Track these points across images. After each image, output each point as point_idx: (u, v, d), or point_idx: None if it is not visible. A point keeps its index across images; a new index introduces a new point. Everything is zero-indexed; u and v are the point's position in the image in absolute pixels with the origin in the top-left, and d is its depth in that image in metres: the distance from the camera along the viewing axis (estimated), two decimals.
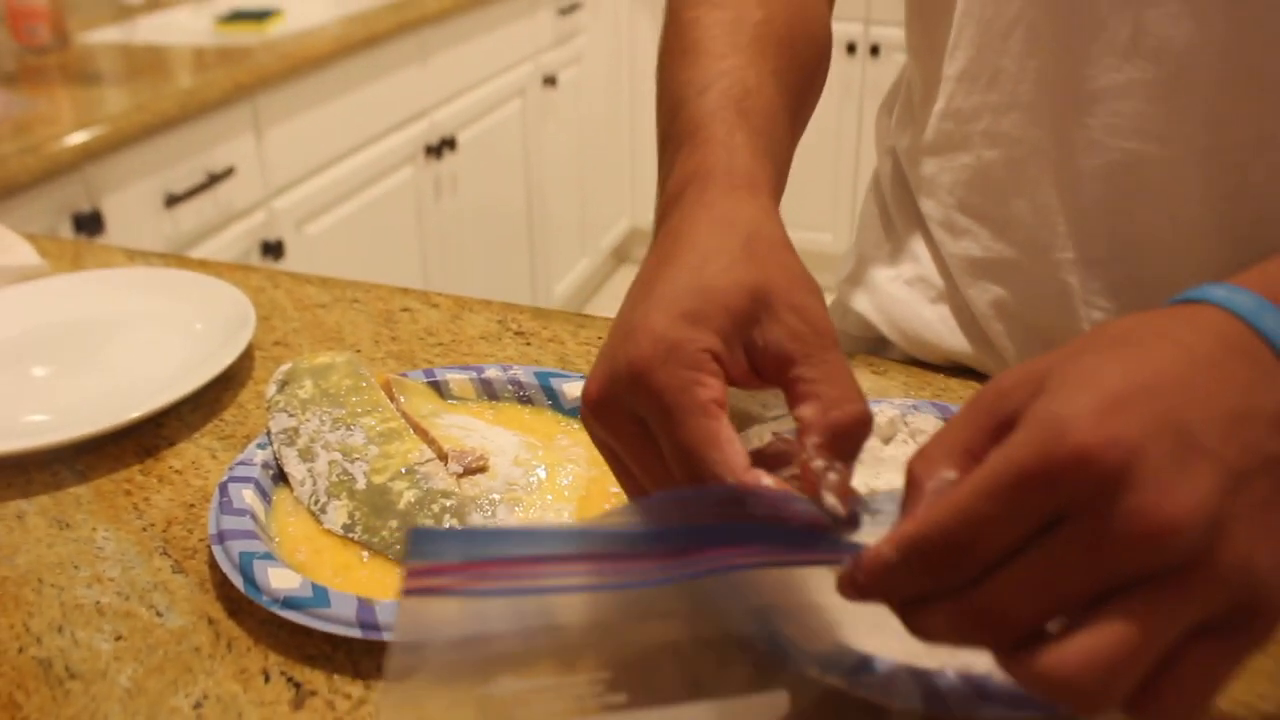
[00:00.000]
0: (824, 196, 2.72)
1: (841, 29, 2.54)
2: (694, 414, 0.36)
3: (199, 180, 1.44)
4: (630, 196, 2.98)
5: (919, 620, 0.32)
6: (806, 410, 0.37)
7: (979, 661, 0.37)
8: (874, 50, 2.55)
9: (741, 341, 0.38)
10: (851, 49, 2.56)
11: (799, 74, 0.53)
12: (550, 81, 2.44)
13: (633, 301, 0.40)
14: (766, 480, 0.36)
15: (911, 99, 0.67)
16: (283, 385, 0.56)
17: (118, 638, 0.44)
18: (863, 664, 0.37)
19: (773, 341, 0.38)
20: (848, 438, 0.37)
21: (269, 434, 0.53)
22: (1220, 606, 0.29)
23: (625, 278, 3.08)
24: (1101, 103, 0.54)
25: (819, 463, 0.36)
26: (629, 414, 0.38)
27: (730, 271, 0.39)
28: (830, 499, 0.35)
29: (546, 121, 2.46)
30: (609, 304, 2.79)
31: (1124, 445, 0.28)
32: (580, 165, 2.68)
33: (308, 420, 0.53)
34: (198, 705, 0.41)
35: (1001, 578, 0.30)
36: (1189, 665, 0.29)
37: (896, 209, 0.69)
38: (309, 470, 0.50)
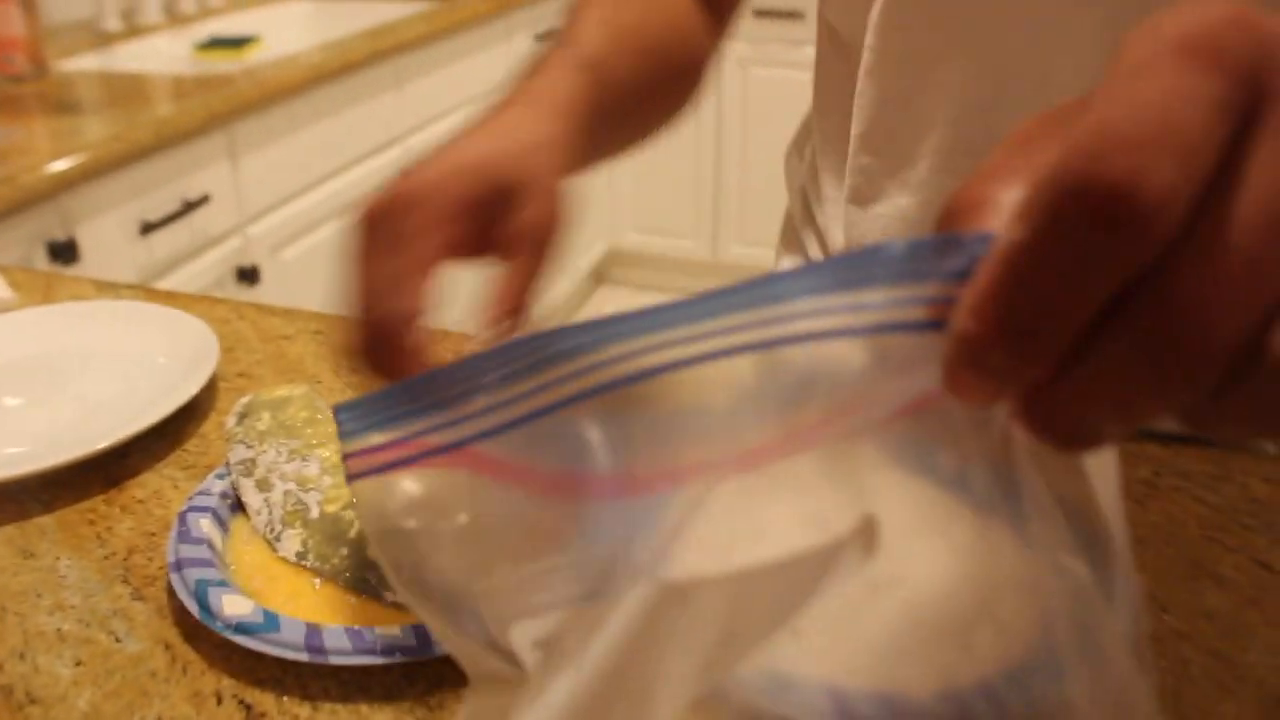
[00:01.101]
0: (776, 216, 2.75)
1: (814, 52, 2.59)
2: (415, 253, 0.43)
3: (174, 208, 1.46)
4: (608, 218, 3.01)
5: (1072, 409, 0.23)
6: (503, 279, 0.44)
7: (898, 679, 0.39)
8: None
9: (491, 211, 0.45)
10: None
11: (657, 80, 0.58)
12: None
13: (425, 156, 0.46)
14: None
15: (819, 145, 0.69)
16: (242, 417, 0.57)
17: (77, 663, 0.46)
18: (781, 683, 0.39)
19: (522, 220, 0.45)
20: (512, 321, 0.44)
21: (228, 465, 0.55)
22: None
23: (603, 298, 3.11)
24: None
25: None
26: (373, 231, 0.43)
27: (497, 152, 0.45)
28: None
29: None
30: None
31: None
32: None
33: (265, 451, 0.54)
34: None
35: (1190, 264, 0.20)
36: None
37: (810, 247, 0.72)
38: (265, 500, 0.52)
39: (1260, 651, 0.45)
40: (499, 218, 0.46)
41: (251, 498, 0.53)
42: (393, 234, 0.43)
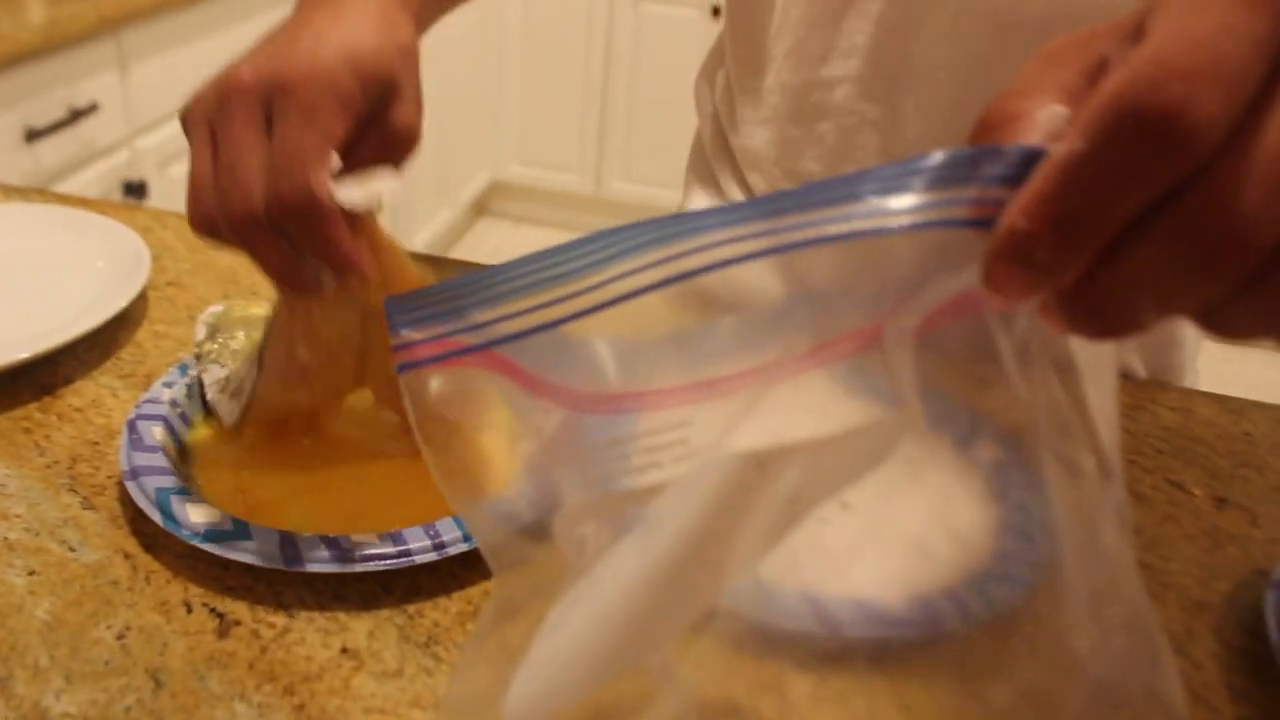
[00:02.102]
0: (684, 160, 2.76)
1: None
2: (322, 126, 0.42)
3: (61, 115, 1.39)
4: (493, 149, 2.97)
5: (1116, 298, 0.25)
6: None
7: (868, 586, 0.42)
8: None
9: (373, 107, 0.46)
10: (716, 12, 2.59)
11: None
12: None
13: (285, 39, 0.45)
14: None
15: (734, 71, 0.70)
16: (213, 331, 0.56)
17: (30, 573, 0.45)
18: (765, 592, 0.40)
19: (399, 120, 0.47)
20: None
21: (200, 383, 0.53)
22: None
23: (485, 230, 3.08)
24: (926, 77, 0.58)
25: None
26: (263, 104, 0.43)
27: (380, 48, 0.45)
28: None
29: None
30: (468, 255, 2.79)
31: None
32: (441, 116, 2.65)
33: (242, 369, 0.53)
34: (120, 636, 0.42)
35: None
36: None
37: (722, 175, 0.73)
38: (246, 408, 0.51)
39: (1180, 561, 0.48)
40: (378, 116, 0.46)
41: (231, 410, 0.52)
42: (299, 107, 0.42)
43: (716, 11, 2.58)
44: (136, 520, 0.47)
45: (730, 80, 0.70)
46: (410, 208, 2.54)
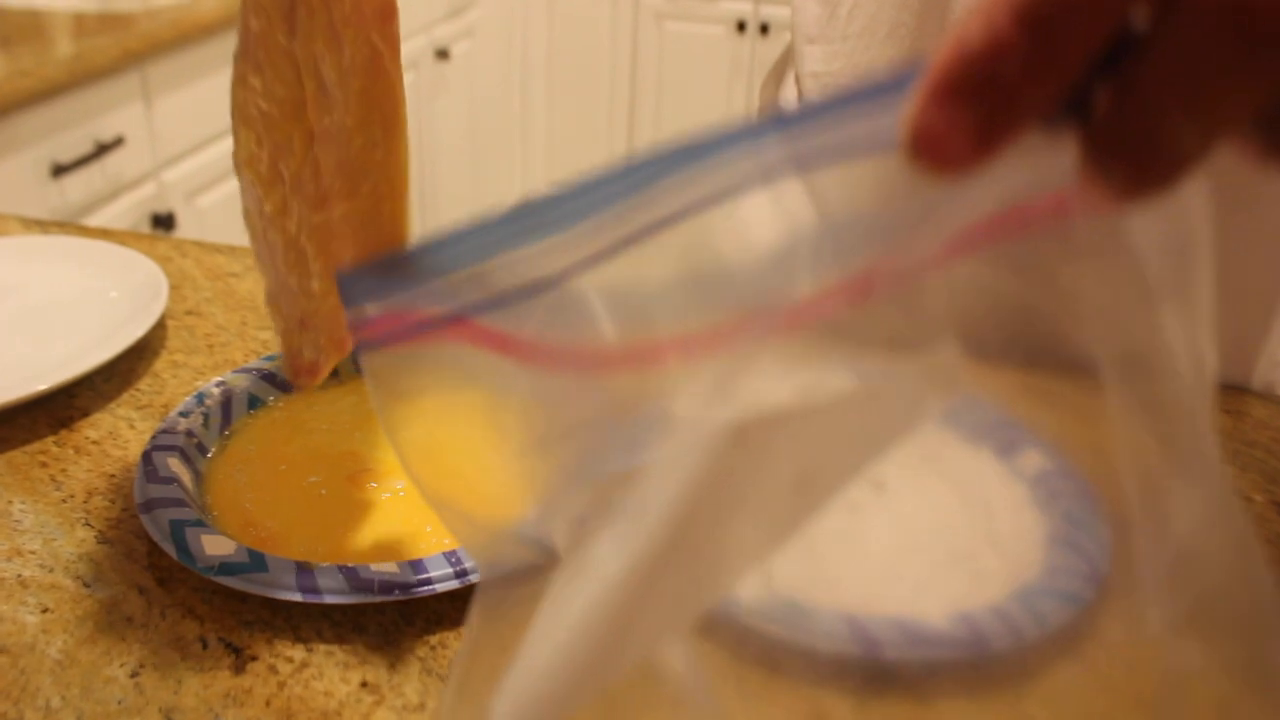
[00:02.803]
0: None
1: (732, 7, 2.58)
2: None
3: (87, 150, 1.39)
4: (521, 170, 2.97)
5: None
6: None
7: (909, 606, 0.39)
8: (763, 29, 2.58)
9: None
10: (741, 27, 2.59)
11: None
12: (443, 54, 2.41)
13: None
14: None
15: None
16: None
17: (44, 610, 0.43)
18: (798, 611, 0.38)
19: None
20: None
21: (199, 400, 0.52)
22: None
23: None
24: None
25: None
26: None
27: None
28: None
29: (438, 95, 2.43)
30: None
31: None
32: (471, 139, 2.65)
33: None
34: (134, 674, 0.40)
35: None
36: None
37: None
38: None
39: None
40: None
41: None
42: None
43: (742, 27, 2.57)
44: (152, 554, 0.46)
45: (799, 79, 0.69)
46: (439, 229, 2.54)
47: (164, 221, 1.55)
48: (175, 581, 0.45)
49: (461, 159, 2.61)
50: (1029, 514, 0.46)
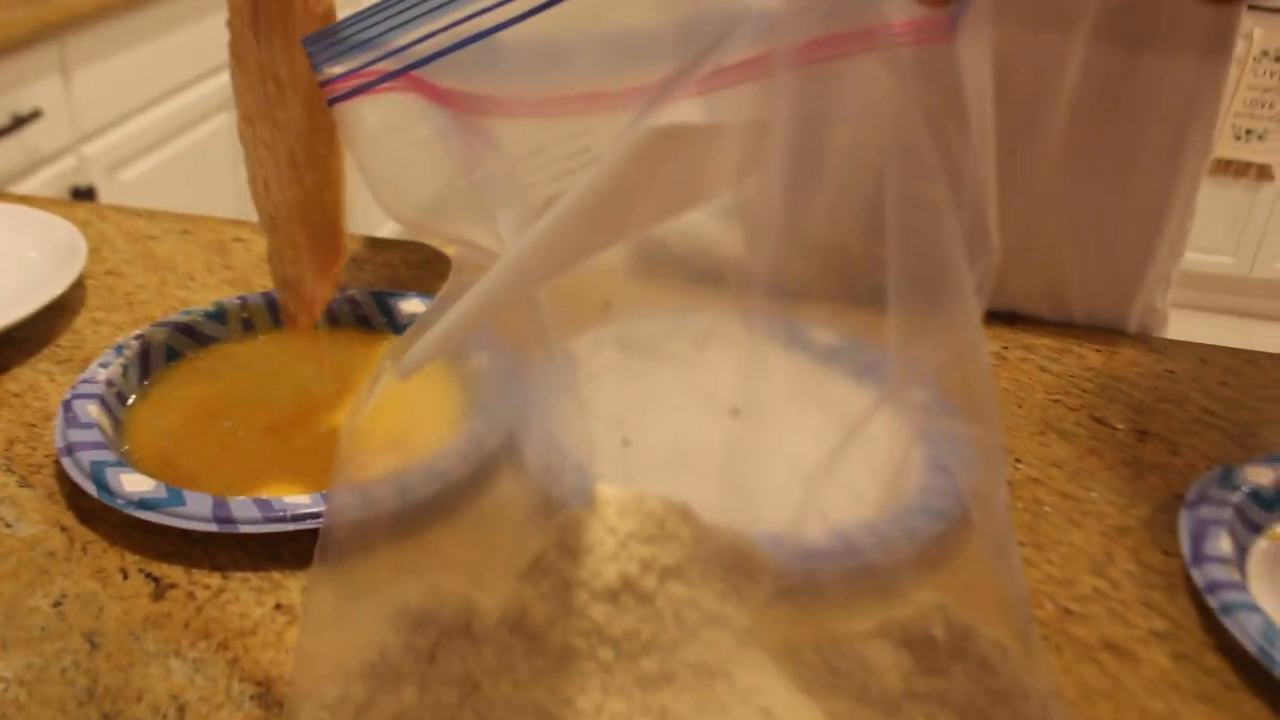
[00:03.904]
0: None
1: None
2: None
3: (3, 122, 1.38)
4: None
5: None
6: None
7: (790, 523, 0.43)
8: None
9: None
10: None
11: None
12: None
13: None
14: None
15: None
16: None
17: None
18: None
19: None
20: None
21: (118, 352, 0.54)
22: None
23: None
24: None
25: None
26: None
27: None
28: None
29: None
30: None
31: None
32: None
33: None
34: (57, 604, 0.42)
35: None
36: None
37: None
38: None
39: (1102, 489, 0.50)
40: None
41: None
42: None
43: None
44: (73, 495, 0.48)
45: None
46: (368, 215, 2.54)
47: (84, 195, 1.54)
48: (96, 520, 0.46)
49: None
50: (909, 446, 0.50)
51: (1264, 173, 2.45)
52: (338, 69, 0.31)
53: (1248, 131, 2.38)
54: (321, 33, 0.31)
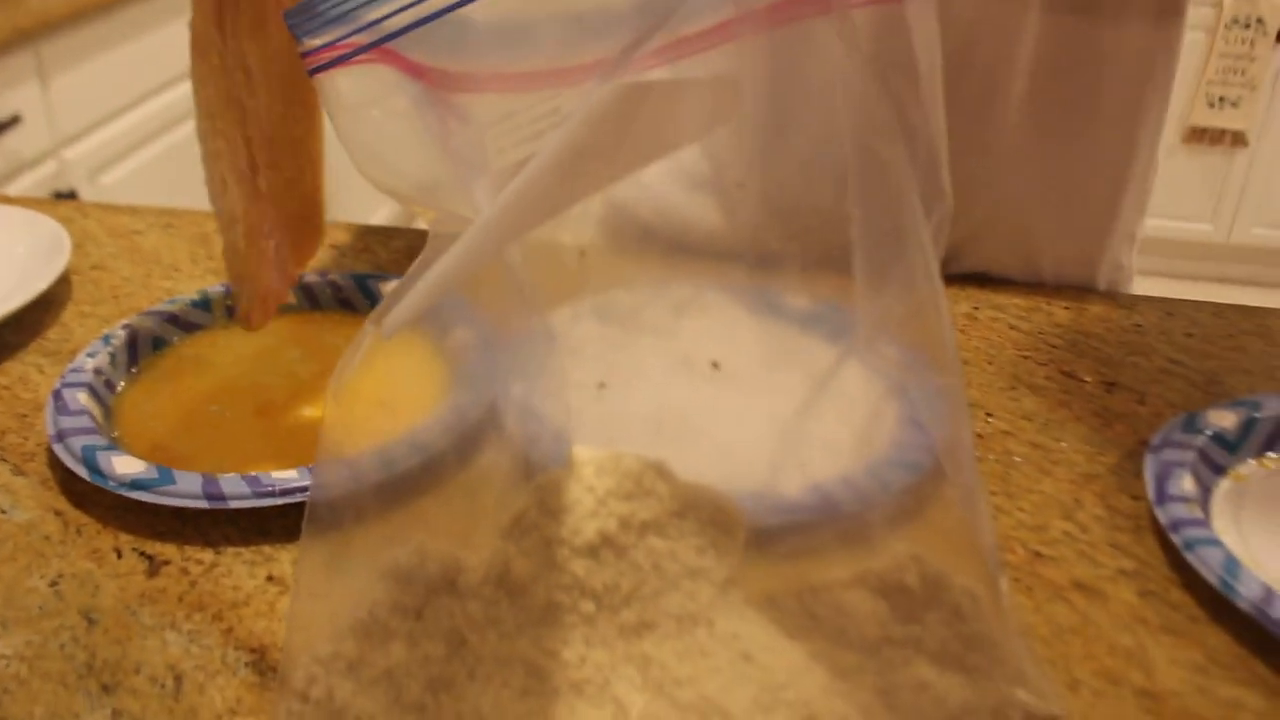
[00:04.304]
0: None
1: None
2: None
3: None
4: None
5: None
6: None
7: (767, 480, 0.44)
8: None
9: None
10: None
11: None
12: None
13: None
14: None
15: None
16: None
17: None
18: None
19: None
20: None
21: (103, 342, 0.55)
22: None
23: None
24: None
25: None
26: None
27: None
28: None
29: None
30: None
31: None
32: None
33: None
34: (54, 584, 0.43)
35: None
36: None
37: None
38: None
39: (1071, 439, 0.51)
40: None
41: None
42: None
43: None
44: (66, 481, 0.49)
45: None
46: (349, 207, 2.54)
47: (67, 199, 1.54)
48: (89, 503, 0.47)
49: None
50: (884, 402, 0.51)
51: (1238, 139, 2.47)
52: (316, 41, 0.33)
53: (1221, 99, 2.40)
54: (301, 5, 0.33)
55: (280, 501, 0.44)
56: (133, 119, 1.70)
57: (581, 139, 0.32)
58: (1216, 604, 0.41)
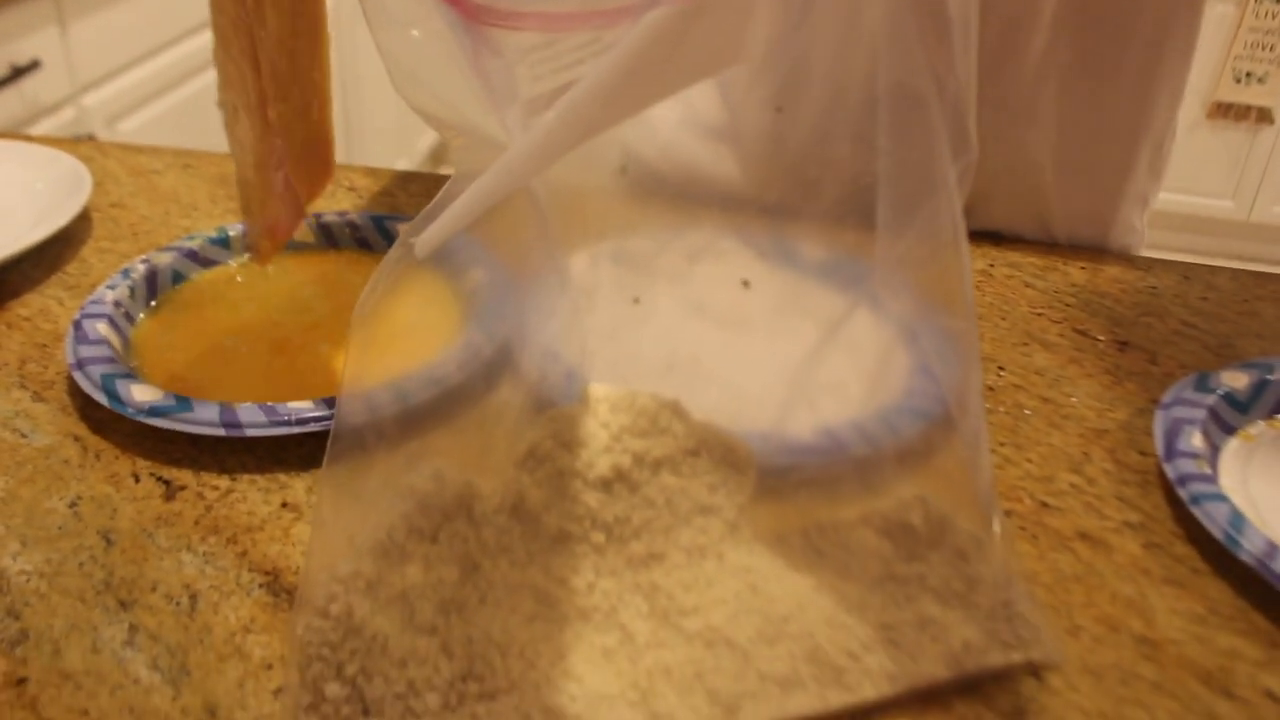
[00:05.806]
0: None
1: None
2: None
3: (1, 73, 1.39)
4: None
5: None
6: None
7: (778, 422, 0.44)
8: None
9: None
10: None
11: None
12: None
13: None
14: None
15: None
16: None
17: None
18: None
19: None
20: None
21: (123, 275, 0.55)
22: None
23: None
24: None
25: None
26: None
27: None
28: None
29: (361, 22, 2.41)
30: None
31: None
32: None
33: None
34: (73, 505, 0.44)
35: None
36: None
37: None
38: None
39: (1081, 395, 0.51)
40: None
41: None
42: None
43: None
44: (85, 408, 0.49)
45: None
46: (367, 158, 2.54)
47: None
48: (108, 430, 0.48)
49: (387, 88, 2.60)
50: (895, 350, 0.51)
51: (1264, 116, 2.45)
52: None
53: (1248, 74, 2.38)
54: None
55: (296, 430, 0.45)
56: (152, 67, 1.70)
57: (633, 61, 0.32)
58: (1220, 558, 0.42)
